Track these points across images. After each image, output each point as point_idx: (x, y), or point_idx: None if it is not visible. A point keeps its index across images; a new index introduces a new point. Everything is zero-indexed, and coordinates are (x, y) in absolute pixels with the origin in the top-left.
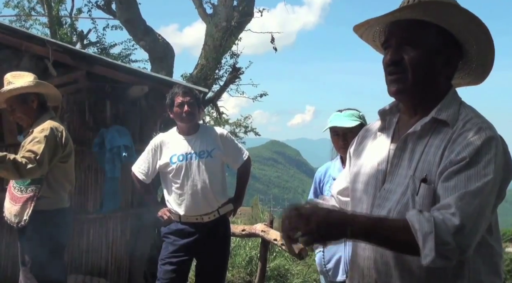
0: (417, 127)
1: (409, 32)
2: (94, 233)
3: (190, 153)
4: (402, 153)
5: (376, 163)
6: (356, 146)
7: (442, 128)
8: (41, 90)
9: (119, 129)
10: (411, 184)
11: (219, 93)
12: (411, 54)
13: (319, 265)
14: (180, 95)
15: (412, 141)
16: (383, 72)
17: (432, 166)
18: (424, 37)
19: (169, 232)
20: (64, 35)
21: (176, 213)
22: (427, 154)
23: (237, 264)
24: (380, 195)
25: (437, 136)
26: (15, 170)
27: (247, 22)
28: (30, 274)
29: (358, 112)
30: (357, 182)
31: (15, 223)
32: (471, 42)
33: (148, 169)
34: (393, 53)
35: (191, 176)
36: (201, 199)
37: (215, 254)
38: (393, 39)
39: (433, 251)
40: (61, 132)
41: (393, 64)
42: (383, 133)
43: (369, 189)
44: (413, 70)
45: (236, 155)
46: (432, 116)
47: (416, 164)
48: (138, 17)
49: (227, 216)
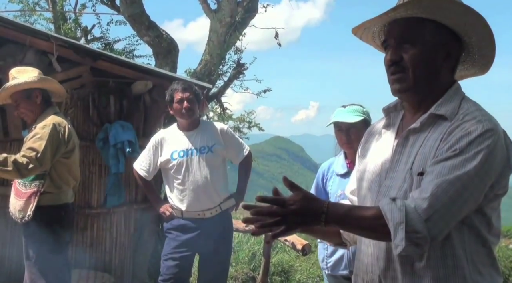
0: (417, 124)
1: (406, 31)
2: (98, 228)
3: (190, 148)
4: (403, 148)
5: (380, 161)
6: (363, 144)
7: (442, 123)
8: (45, 85)
9: (123, 125)
10: (408, 178)
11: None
12: (410, 53)
13: (321, 259)
14: (179, 92)
15: (412, 137)
16: (386, 70)
17: (427, 158)
18: (421, 34)
19: (171, 228)
20: (68, 30)
21: (178, 209)
22: (424, 147)
23: (240, 259)
24: (381, 192)
25: (436, 130)
26: (17, 171)
27: (251, 18)
28: (34, 269)
29: (362, 108)
30: (362, 180)
31: (19, 218)
32: (469, 34)
33: (150, 166)
34: (393, 53)
35: (192, 172)
36: (203, 194)
37: (218, 249)
38: (392, 39)
39: (403, 241)
40: (63, 128)
41: (393, 64)
42: (388, 130)
43: (372, 186)
44: (413, 68)
45: (237, 149)
46: (431, 112)
47: (414, 158)
48: (142, 13)
49: (229, 211)
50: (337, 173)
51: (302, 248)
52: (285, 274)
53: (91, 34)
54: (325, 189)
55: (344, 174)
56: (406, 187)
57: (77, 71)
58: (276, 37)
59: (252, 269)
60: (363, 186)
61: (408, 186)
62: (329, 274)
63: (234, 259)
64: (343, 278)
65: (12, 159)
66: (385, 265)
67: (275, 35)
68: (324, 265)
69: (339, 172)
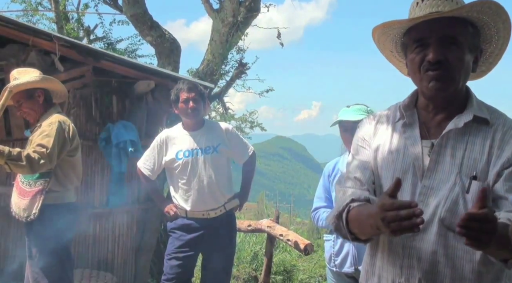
0: (459, 124)
1: (453, 31)
2: (101, 228)
3: (196, 148)
4: (443, 149)
5: (410, 159)
6: (372, 131)
7: (481, 127)
8: (47, 85)
9: (126, 124)
10: (458, 181)
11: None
12: (456, 54)
13: (328, 257)
14: (185, 91)
15: (452, 138)
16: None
17: (478, 163)
18: (466, 36)
19: (175, 227)
20: (70, 30)
21: (183, 209)
22: (471, 151)
23: (242, 259)
24: (421, 192)
25: (478, 134)
26: (29, 166)
27: (253, 18)
28: (37, 268)
29: (366, 107)
30: (383, 177)
31: (24, 217)
32: (493, 41)
33: (154, 165)
34: (438, 52)
35: (197, 172)
36: (208, 194)
37: (221, 249)
38: (434, 37)
39: None
40: (68, 126)
41: (437, 63)
42: (407, 128)
43: (405, 186)
44: (458, 69)
45: (241, 150)
46: (475, 115)
47: (461, 161)
48: (145, 12)
49: (233, 211)
50: (342, 171)
51: (304, 248)
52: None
53: (94, 34)
54: (332, 186)
55: None
56: (458, 190)
57: (79, 71)
58: (278, 37)
59: (254, 269)
60: (384, 176)
61: (460, 189)
62: (336, 271)
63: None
64: (346, 276)
65: (25, 153)
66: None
67: (277, 35)
68: (332, 263)
69: (344, 169)
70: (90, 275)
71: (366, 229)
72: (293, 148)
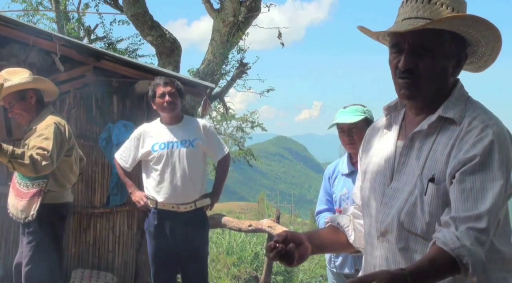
0: (424, 126)
1: (425, 39)
2: (101, 228)
3: (172, 141)
4: (409, 151)
5: (383, 160)
6: (364, 145)
7: (449, 126)
8: (38, 85)
9: (126, 124)
10: (418, 183)
11: (226, 88)
12: (427, 63)
13: (328, 259)
14: (161, 86)
15: (419, 139)
16: (392, 71)
17: (439, 164)
18: (441, 45)
19: (150, 229)
20: (71, 30)
21: (154, 199)
22: (434, 151)
23: (243, 259)
24: (387, 193)
25: (445, 134)
26: (32, 166)
27: (254, 17)
28: (31, 267)
29: (363, 107)
30: (365, 180)
31: (22, 218)
32: (481, 44)
33: (129, 157)
34: (408, 60)
35: (172, 164)
36: (180, 187)
37: (195, 248)
38: (407, 44)
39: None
40: (64, 127)
41: (406, 71)
42: (389, 130)
43: (376, 187)
44: (428, 78)
45: (217, 147)
46: (439, 115)
47: (424, 162)
48: (145, 12)
49: (204, 210)
50: (342, 172)
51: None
52: (288, 273)
53: (94, 34)
54: (333, 188)
55: (349, 174)
56: (417, 192)
57: (80, 71)
58: (279, 37)
59: (255, 269)
60: (366, 186)
61: (419, 192)
62: (336, 273)
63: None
64: (346, 277)
65: (28, 153)
66: (394, 267)
67: (278, 35)
68: (331, 264)
69: (344, 171)
70: (90, 275)
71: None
72: (294, 148)
